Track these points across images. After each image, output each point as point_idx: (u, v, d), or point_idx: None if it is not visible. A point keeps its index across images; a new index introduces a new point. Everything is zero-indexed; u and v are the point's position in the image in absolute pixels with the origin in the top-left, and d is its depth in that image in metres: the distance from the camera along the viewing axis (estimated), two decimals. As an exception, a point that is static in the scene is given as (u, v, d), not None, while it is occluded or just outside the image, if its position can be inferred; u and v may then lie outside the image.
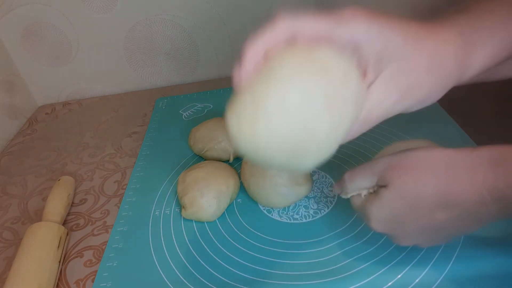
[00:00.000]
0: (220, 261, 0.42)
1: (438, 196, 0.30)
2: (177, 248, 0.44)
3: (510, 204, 0.28)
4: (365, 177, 0.35)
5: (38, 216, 0.53)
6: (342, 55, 0.28)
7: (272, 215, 0.47)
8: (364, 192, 0.36)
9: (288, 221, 0.46)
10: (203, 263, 0.42)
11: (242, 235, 0.45)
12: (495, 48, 0.32)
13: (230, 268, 0.41)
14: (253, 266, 0.41)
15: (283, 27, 0.30)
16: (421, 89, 0.30)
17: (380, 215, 0.33)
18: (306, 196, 0.48)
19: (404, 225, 0.33)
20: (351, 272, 0.39)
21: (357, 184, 0.35)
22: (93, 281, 0.42)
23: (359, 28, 0.29)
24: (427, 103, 0.32)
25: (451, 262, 0.38)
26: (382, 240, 0.41)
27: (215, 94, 0.74)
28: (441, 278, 0.37)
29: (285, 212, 0.47)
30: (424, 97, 0.31)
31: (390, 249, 0.40)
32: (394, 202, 0.32)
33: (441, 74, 0.30)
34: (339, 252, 0.41)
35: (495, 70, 0.35)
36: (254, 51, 0.30)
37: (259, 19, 0.80)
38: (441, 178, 0.30)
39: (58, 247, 0.44)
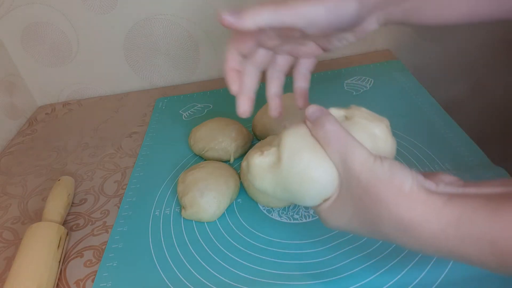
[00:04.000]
0: (220, 261, 0.42)
1: (397, 225, 0.27)
2: (177, 248, 0.44)
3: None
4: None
5: (38, 216, 0.53)
6: None
7: (272, 215, 0.47)
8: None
9: (288, 221, 0.46)
10: (203, 263, 0.42)
11: (242, 235, 0.45)
12: None
13: (230, 268, 0.41)
14: (253, 266, 0.41)
15: (231, 49, 0.39)
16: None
17: (334, 224, 0.32)
18: (306, 196, 0.48)
19: (359, 233, 0.32)
20: (351, 272, 0.39)
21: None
22: (93, 281, 0.42)
23: None
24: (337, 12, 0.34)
25: (451, 262, 0.38)
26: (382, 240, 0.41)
27: (215, 94, 0.74)
28: (441, 278, 0.37)
29: (285, 212, 0.47)
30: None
31: (390, 249, 0.40)
32: (351, 221, 0.30)
33: None
34: (339, 252, 0.41)
35: (415, 5, 0.36)
36: (228, 73, 0.40)
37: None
38: (403, 229, 0.27)
39: (58, 247, 0.44)
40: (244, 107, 0.41)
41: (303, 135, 0.32)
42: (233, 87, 0.40)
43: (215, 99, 0.72)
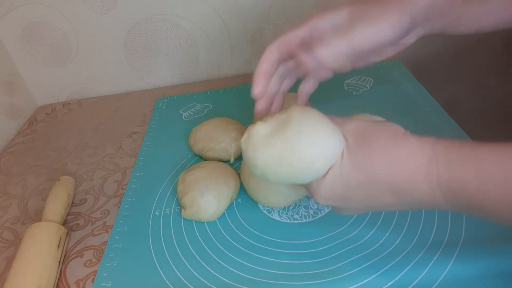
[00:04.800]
0: (220, 261, 0.42)
1: (390, 183, 0.31)
2: (177, 248, 0.44)
3: (460, 201, 0.28)
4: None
5: (38, 216, 0.53)
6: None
7: (272, 215, 0.47)
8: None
9: (288, 221, 0.46)
10: (203, 263, 0.42)
11: (242, 235, 0.45)
12: None
13: (230, 268, 0.41)
14: (253, 266, 0.41)
15: (273, 51, 0.39)
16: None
17: (329, 190, 0.33)
18: (306, 196, 0.48)
19: (351, 202, 0.33)
20: (351, 272, 0.39)
21: None
22: (93, 281, 0.42)
23: (311, 22, 0.37)
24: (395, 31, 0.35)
25: (451, 262, 0.38)
26: (382, 240, 0.41)
27: (215, 94, 0.74)
28: (441, 278, 0.37)
29: (285, 212, 0.47)
30: (386, 26, 0.34)
31: (390, 249, 0.40)
32: (346, 175, 0.32)
33: (391, 8, 0.35)
34: (339, 252, 0.41)
35: (455, 17, 0.38)
36: (260, 75, 0.39)
37: (259, 19, 0.81)
38: (396, 167, 0.31)
39: (58, 247, 0.44)
40: (262, 105, 0.41)
41: (311, 110, 0.35)
42: (257, 89, 0.39)
43: (215, 99, 0.72)
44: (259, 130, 0.35)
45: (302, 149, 0.33)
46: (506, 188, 0.26)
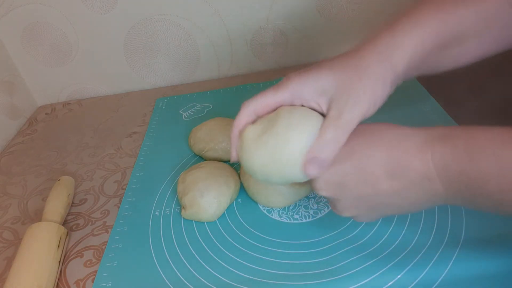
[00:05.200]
0: (220, 261, 0.42)
1: (386, 165, 0.31)
2: (177, 248, 0.44)
3: (454, 183, 0.29)
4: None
5: (38, 216, 0.53)
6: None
7: (272, 215, 0.47)
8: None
9: (288, 221, 0.46)
10: (203, 263, 0.42)
11: (242, 235, 0.45)
12: (416, 41, 0.35)
13: (230, 268, 0.41)
14: (253, 266, 0.41)
15: (250, 113, 0.38)
16: (364, 101, 0.34)
17: (325, 177, 0.34)
18: (306, 196, 0.48)
19: (347, 190, 0.34)
20: (351, 272, 0.39)
21: None
22: (93, 281, 0.42)
23: (292, 87, 0.36)
24: (378, 104, 0.35)
25: (451, 262, 0.38)
26: (382, 240, 0.41)
27: (215, 94, 0.74)
28: (441, 278, 0.37)
29: (285, 212, 0.47)
30: (371, 102, 0.34)
31: (390, 249, 0.40)
32: (343, 161, 0.33)
33: (374, 82, 0.34)
34: (339, 252, 0.41)
35: (433, 62, 0.38)
36: (234, 132, 0.39)
37: (259, 19, 0.81)
38: (392, 147, 0.32)
39: (58, 247, 0.44)
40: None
41: (298, 107, 0.36)
42: (234, 156, 0.39)
43: (215, 99, 0.72)
44: (249, 132, 0.36)
45: (294, 138, 0.33)
46: (496, 160, 0.27)
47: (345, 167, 0.33)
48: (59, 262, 0.44)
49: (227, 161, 0.55)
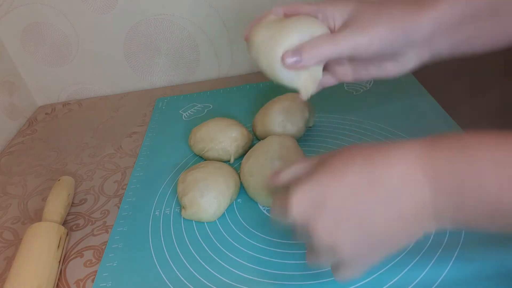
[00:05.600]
0: (220, 261, 0.42)
1: (368, 172, 0.28)
2: (177, 248, 0.44)
3: (442, 183, 0.27)
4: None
5: (38, 216, 0.53)
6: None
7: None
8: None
9: (288, 221, 0.46)
10: (203, 263, 0.42)
11: (242, 235, 0.45)
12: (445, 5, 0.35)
13: (230, 268, 0.41)
14: (253, 266, 0.41)
15: (277, 9, 0.42)
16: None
17: (303, 189, 0.30)
18: (306, 196, 0.48)
19: (325, 209, 0.29)
20: (351, 272, 0.39)
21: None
22: (93, 281, 0.42)
23: (322, 3, 0.40)
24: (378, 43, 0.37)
25: (451, 262, 0.38)
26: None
27: (215, 94, 0.74)
28: (441, 278, 0.37)
29: (285, 212, 0.47)
30: (374, 37, 0.36)
31: (390, 249, 0.40)
32: (321, 174, 0.30)
33: (387, 23, 0.36)
34: (339, 252, 0.41)
35: (468, 37, 0.37)
36: (257, 17, 0.42)
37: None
38: (372, 156, 0.29)
39: (58, 247, 0.44)
40: None
41: (314, 19, 0.40)
42: (247, 30, 0.42)
43: (215, 99, 0.72)
44: (268, 18, 0.41)
45: (292, 32, 0.38)
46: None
47: (324, 179, 0.30)
48: (59, 262, 0.44)
49: (227, 161, 0.55)
